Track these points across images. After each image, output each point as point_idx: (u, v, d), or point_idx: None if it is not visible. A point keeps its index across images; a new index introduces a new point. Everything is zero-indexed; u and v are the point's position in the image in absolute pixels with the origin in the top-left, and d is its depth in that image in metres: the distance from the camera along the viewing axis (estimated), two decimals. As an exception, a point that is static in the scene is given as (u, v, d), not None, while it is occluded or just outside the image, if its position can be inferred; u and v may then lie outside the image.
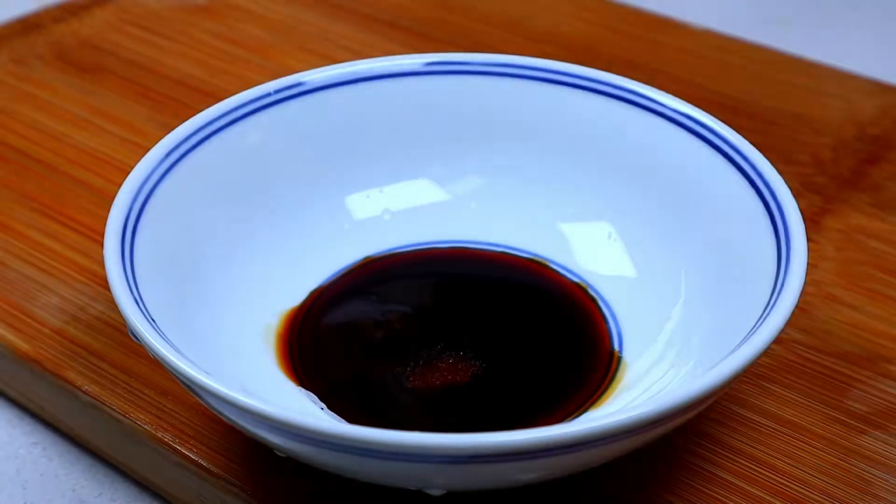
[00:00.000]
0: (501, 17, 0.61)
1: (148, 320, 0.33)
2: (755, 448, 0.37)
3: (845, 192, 0.48)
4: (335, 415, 0.37)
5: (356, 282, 0.42)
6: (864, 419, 0.39)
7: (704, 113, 0.41)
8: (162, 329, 0.33)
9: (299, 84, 0.43)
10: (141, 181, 0.38)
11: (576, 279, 0.42)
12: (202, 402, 0.33)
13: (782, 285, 0.34)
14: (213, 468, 0.37)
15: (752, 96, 0.54)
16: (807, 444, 0.38)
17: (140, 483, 0.40)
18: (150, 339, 0.32)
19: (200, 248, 0.39)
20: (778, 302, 0.34)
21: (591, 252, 0.42)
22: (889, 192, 0.49)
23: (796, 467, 0.37)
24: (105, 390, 0.39)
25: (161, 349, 0.32)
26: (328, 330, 0.40)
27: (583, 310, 0.41)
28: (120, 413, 0.38)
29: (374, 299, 0.41)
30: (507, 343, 0.39)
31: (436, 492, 0.34)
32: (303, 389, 0.38)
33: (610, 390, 0.38)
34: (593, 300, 0.41)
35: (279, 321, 0.40)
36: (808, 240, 0.36)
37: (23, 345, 0.41)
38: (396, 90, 0.43)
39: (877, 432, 0.38)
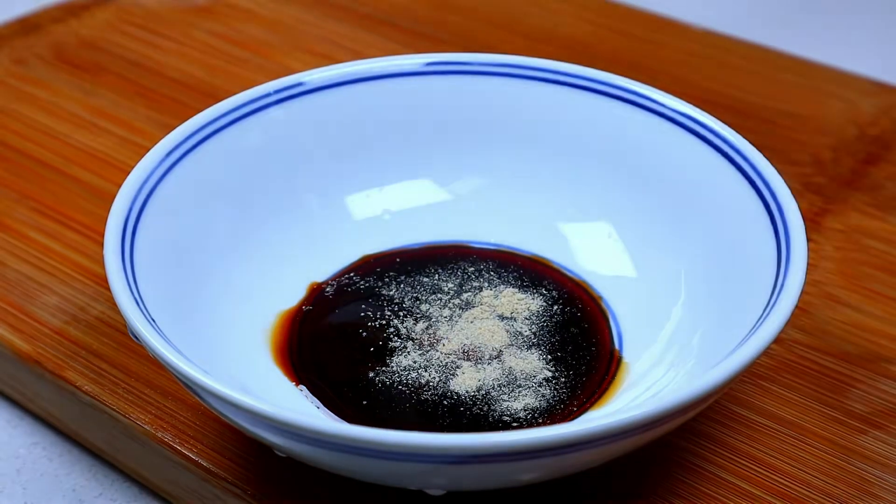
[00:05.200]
0: (501, 17, 0.61)
1: (148, 320, 0.33)
2: (755, 448, 0.37)
3: (845, 192, 0.48)
4: (333, 414, 0.37)
5: (355, 281, 0.42)
6: (864, 419, 0.39)
7: (704, 113, 0.41)
8: (162, 329, 0.33)
9: (299, 84, 0.43)
10: (141, 181, 0.38)
11: (576, 279, 0.42)
12: (202, 402, 0.33)
13: (782, 285, 0.34)
14: (213, 468, 0.37)
15: (752, 96, 0.54)
16: (807, 444, 0.38)
17: (140, 483, 0.40)
18: (150, 339, 0.32)
19: (200, 248, 0.39)
20: (778, 302, 0.34)
21: (591, 252, 0.42)
22: (889, 192, 0.49)
23: (796, 467, 0.37)
24: (105, 390, 0.39)
25: (161, 349, 0.32)
26: (327, 329, 0.40)
27: (583, 310, 0.41)
28: (120, 413, 0.38)
29: (374, 299, 0.41)
30: (508, 343, 0.39)
31: (436, 492, 0.34)
32: (301, 389, 0.38)
33: (610, 390, 0.38)
34: (594, 300, 0.41)
35: (278, 321, 0.40)
36: (808, 240, 0.36)
37: (23, 345, 0.41)
38: (396, 90, 0.43)
39: (877, 432, 0.38)
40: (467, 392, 0.37)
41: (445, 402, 0.37)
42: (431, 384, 0.38)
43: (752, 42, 0.59)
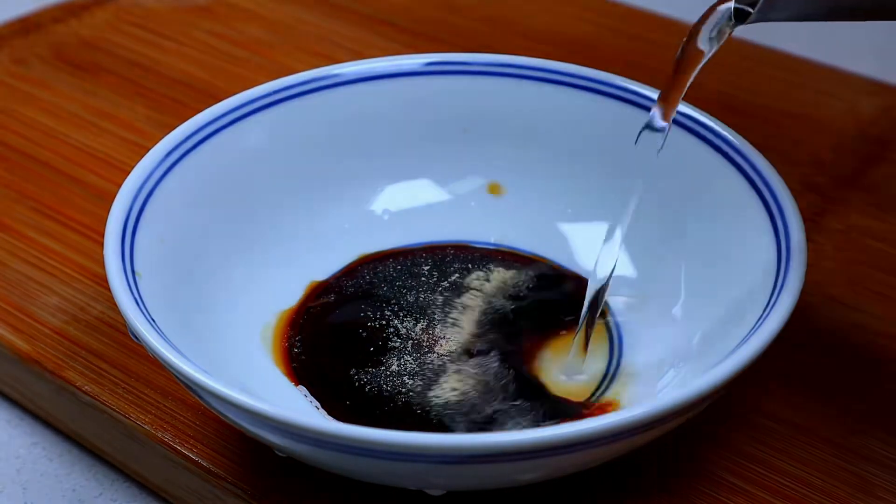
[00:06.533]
0: (501, 17, 0.61)
1: (148, 320, 0.33)
2: (755, 448, 0.37)
3: (845, 191, 0.48)
4: (333, 415, 0.37)
5: (355, 281, 0.42)
6: (864, 419, 0.39)
7: (704, 113, 0.41)
8: (162, 329, 0.33)
9: (299, 84, 0.43)
10: (141, 181, 0.38)
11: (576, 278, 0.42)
12: (202, 402, 0.33)
13: (782, 285, 0.34)
14: (213, 468, 0.37)
15: (752, 96, 0.54)
16: (807, 444, 0.38)
17: (140, 483, 0.40)
18: (150, 339, 0.32)
19: (200, 248, 0.39)
20: (778, 302, 0.34)
21: (591, 252, 0.42)
22: (889, 192, 0.48)
23: (796, 467, 0.37)
24: (105, 390, 0.39)
25: (161, 349, 0.32)
26: (327, 329, 0.40)
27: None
28: (120, 413, 0.38)
29: (373, 298, 0.41)
30: (508, 342, 0.39)
31: (436, 492, 0.34)
32: (301, 389, 0.38)
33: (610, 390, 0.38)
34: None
35: (278, 320, 0.40)
36: (808, 240, 0.36)
37: (23, 345, 0.41)
38: (396, 90, 0.43)
39: (877, 432, 0.38)
40: (466, 391, 0.37)
41: (444, 402, 0.37)
42: (430, 384, 0.38)
43: (752, 42, 0.59)
